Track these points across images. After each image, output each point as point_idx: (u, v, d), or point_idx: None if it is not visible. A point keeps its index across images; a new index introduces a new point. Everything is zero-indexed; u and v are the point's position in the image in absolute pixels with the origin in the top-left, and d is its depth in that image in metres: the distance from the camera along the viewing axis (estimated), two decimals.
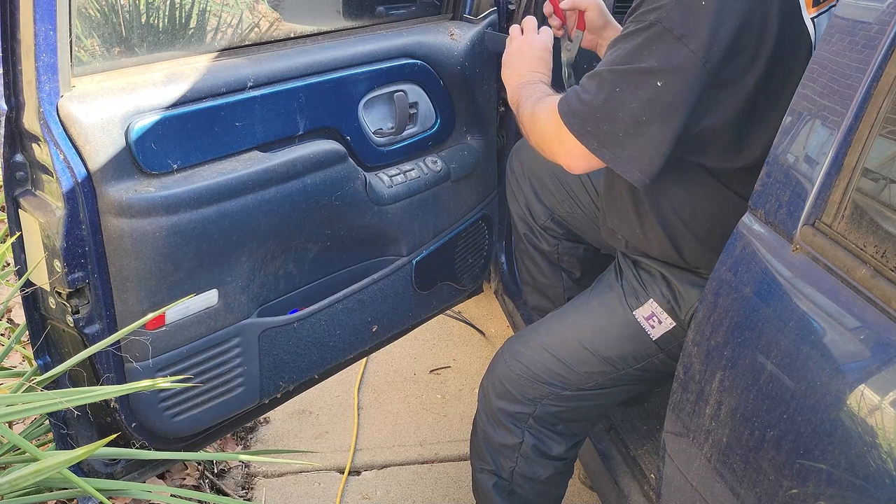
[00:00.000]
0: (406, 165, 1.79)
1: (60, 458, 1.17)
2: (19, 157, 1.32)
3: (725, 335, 1.10)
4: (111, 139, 1.30)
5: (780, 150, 1.10)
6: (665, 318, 1.44)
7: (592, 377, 1.51)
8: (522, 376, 1.54)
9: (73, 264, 1.31)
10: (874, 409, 0.87)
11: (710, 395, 1.12)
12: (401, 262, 1.84)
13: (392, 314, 1.88)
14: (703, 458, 1.13)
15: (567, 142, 1.32)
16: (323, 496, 2.04)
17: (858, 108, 0.98)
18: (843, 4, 1.07)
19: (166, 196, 1.35)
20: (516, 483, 1.60)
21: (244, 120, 1.46)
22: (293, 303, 1.65)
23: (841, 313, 0.95)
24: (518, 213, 1.91)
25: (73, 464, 1.20)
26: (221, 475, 2.07)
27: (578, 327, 1.53)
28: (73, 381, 1.45)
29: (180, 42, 2.10)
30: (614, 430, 1.81)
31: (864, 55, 0.99)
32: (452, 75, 1.80)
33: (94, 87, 1.31)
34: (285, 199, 1.52)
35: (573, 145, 1.31)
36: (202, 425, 1.58)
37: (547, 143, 1.39)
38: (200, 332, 1.49)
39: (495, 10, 1.91)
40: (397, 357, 2.54)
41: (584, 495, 2.05)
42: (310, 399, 2.30)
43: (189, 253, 1.40)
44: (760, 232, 1.10)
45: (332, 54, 1.61)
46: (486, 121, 1.96)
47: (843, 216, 0.98)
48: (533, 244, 1.91)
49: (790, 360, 0.98)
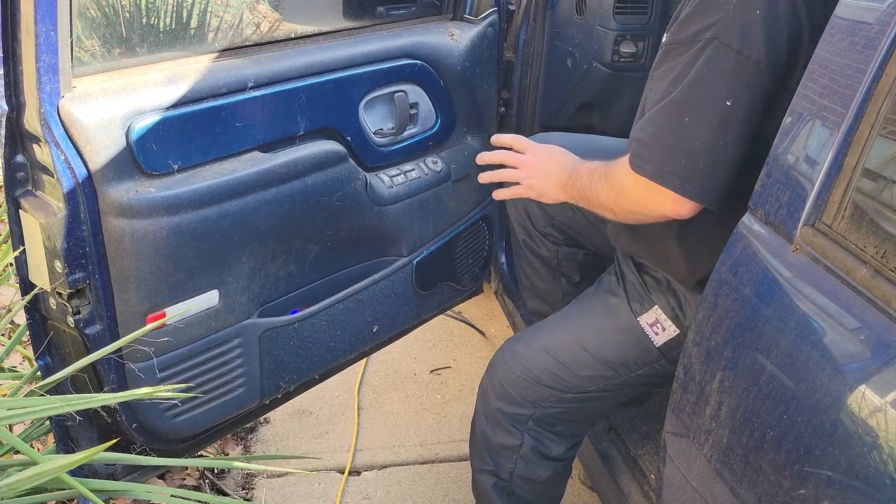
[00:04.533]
0: (406, 166, 1.79)
1: (60, 462, 1.17)
2: (20, 157, 1.32)
3: (726, 336, 1.10)
4: (112, 139, 1.30)
5: (781, 150, 1.10)
6: (669, 325, 1.43)
7: (593, 380, 1.50)
8: (522, 378, 1.54)
9: (74, 265, 1.31)
10: (874, 409, 0.87)
11: (711, 396, 1.12)
12: (401, 263, 1.84)
13: (392, 314, 1.88)
14: (703, 458, 1.13)
15: (653, 192, 1.23)
16: (323, 496, 2.04)
17: (859, 109, 0.98)
18: (843, 4, 1.07)
19: (167, 196, 1.35)
20: (516, 484, 1.60)
21: (245, 120, 1.46)
22: (294, 303, 1.65)
23: (841, 314, 0.95)
24: (517, 218, 1.91)
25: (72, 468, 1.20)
26: (221, 475, 2.07)
27: (580, 330, 1.52)
28: (73, 381, 1.45)
29: (181, 42, 2.10)
30: (614, 430, 1.81)
31: (865, 55, 0.99)
32: (453, 76, 1.80)
33: (95, 87, 1.31)
34: (286, 200, 1.52)
35: (660, 193, 1.22)
36: (203, 426, 1.58)
37: (641, 203, 1.28)
38: (201, 333, 1.49)
39: (496, 10, 1.91)
40: (397, 357, 2.54)
41: (584, 495, 2.05)
42: (310, 399, 2.30)
43: (190, 253, 1.40)
44: (760, 232, 1.10)
45: (333, 55, 1.61)
46: (487, 121, 1.96)
47: (843, 217, 0.98)
48: (532, 250, 1.90)
49: (790, 361, 0.98)
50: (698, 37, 1.19)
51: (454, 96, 1.83)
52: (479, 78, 1.88)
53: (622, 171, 1.29)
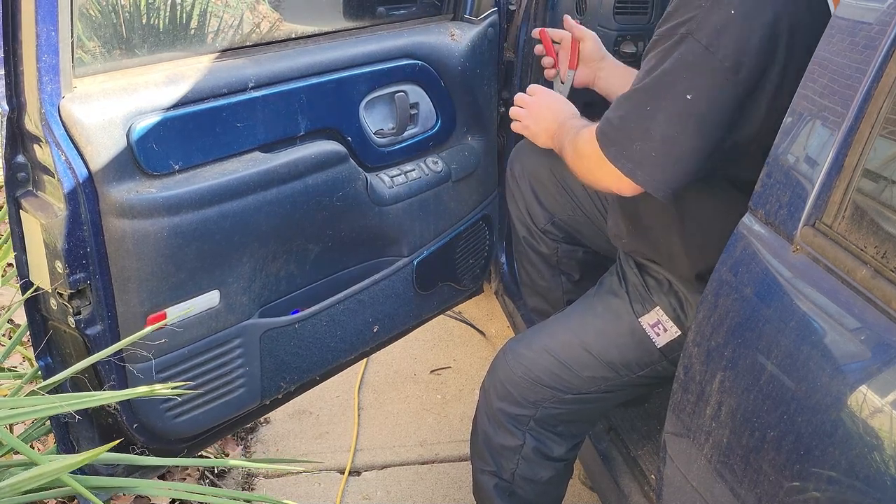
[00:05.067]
0: (407, 166, 1.79)
1: (61, 462, 1.17)
2: (21, 157, 1.32)
3: (726, 336, 1.10)
4: (113, 140, 1.30)
5: (781, 150, 1.10)
6: (671, 326, 1.43)
7: (594, 381, 1.51)
8: (524, 379, 1.54)
9: (75, 265, 1.31)
10: (874, 409, 0.87)
11: (711, 396, 1.12)
12: (401, 263, 1.84)
13: (393, 314, 1.88)
14: (703, 458, 1.13)
15: (606, 166, 1.30)
16: (323, 496, 2.04)
17: (859, 109, 0.98)
18: (843, 4, 1.07)
19: (168, 197, 1.35)
20: (517, 484, 1.60)
21: (245, 120, 1.46)
22: (294, 303, 1.65)
23: (841, 314, 0.95)
24: (517, 216, 1.91)
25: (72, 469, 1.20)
26: (222, 475, 2.07)
27: (581, 331, 1.52)
28: (74, 381, 1.45)
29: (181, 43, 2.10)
30: (614, 430, 1.81)
31: (865, 55, 0.99)
32: (453, 76, 1.81)
33: (96, 87, 1.31)
34: (286, 200, 1.52)
35: (611, 169, 1.29)
36: (203, 426, 1.58)
37: (593, 173, 1.37)
38: (202, 333, 1.49)
39: (496, 10, 1.91)
40: (398, 357, 2.54)
41: (585, 496, 2.05)
42: (310, 399, 2.30)
43: (190, 254, 1.40)
44: (761, 232, 1.10)
45: (333, 55, 1.61)
46: (487, 121, 1.96)
47: (843, 217, 0.98)
48: (532, 247, 1.90)
49: (790, 361, 0.98)
50: (675, 31, 1.22)
51: (455, 96, 1.83)
52: (480, 78, 1.88)
53: (586, 139, 1.36)
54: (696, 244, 1.37)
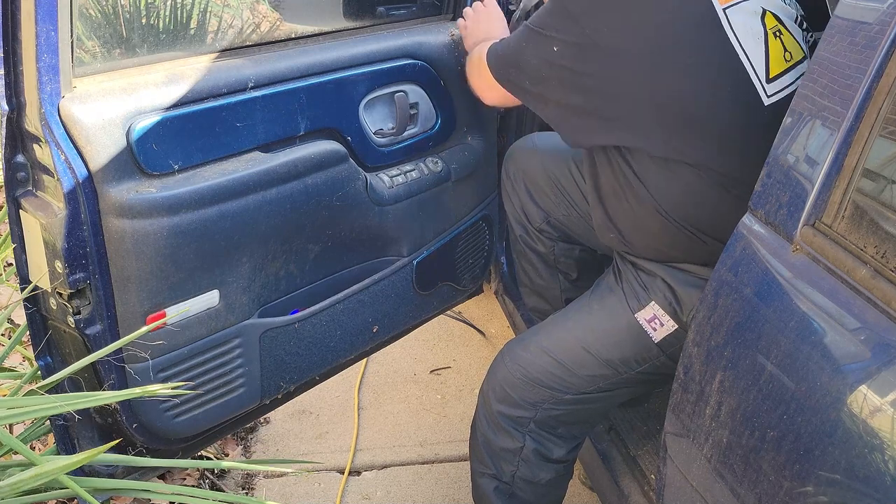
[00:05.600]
0: (407, 166, 1.79)
1: (59, 463, 1.17)
2: (20, 157, 1.32)
3: (726, 336, 1.10)
4: (112, 140, 1.30)
5: (781, 150, 1.10)
6: (667, 320, 1.44)
7: (593, 380, 1.50)
8: (523, 380, 1.54)
9: (75, 265, 1.31)
10: (874, 409, 0.87)
11: (711, 396, 1.12)
12: (401, 263, 1.84)
13: (393, 314, 1.88)
14: (703, 458, 1.13)
15: (486, 75, 1.54)
16: (323, 496, 2.04)
17: (859, 109, 0.98)
18: (843, 4, 1.07)
19: (167, 197, 1.35)
20: (517, 486, 1.60)
21: (245, 120, 1.46)
22: (294, 303, 1.65)
23: (841, 314, 0.95)
24: (513, 215, 1.91)
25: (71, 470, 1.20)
26: (221, 475, 2.07)
27: (579, 330, 1.52)
28: (73, 381, 1.45)
29: (181, 43, 2.10)
30: (614, 430, 1.81)
31: (865, 55, 0.99)
32: (453, 76, 1.81)
33: (96, 87, 1.32)
34: (286, 200, 1.52)
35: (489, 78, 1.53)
36: (203, 426, 1.58)
37: (473, 77, 1.66)
38: (202, 333, 1.49)
39: None
40: (397, 357, 2.54)
41: (585, 496, 2.05)
42: (310, 399, 2.30)
43: (190, 253, 1.40)
44: (760, 232, 1.10)
45: (333, 55, 1.61)
46: (487, 121, 1.96)
47: (843, 217, 0.98)
48: (529, 246, 1.90)
49: (790, 361, 0.98)
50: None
51: (454, 96, 1.83)
52: None
53: (481, 51, 1.58)
54: (676, 226, 1.41)
